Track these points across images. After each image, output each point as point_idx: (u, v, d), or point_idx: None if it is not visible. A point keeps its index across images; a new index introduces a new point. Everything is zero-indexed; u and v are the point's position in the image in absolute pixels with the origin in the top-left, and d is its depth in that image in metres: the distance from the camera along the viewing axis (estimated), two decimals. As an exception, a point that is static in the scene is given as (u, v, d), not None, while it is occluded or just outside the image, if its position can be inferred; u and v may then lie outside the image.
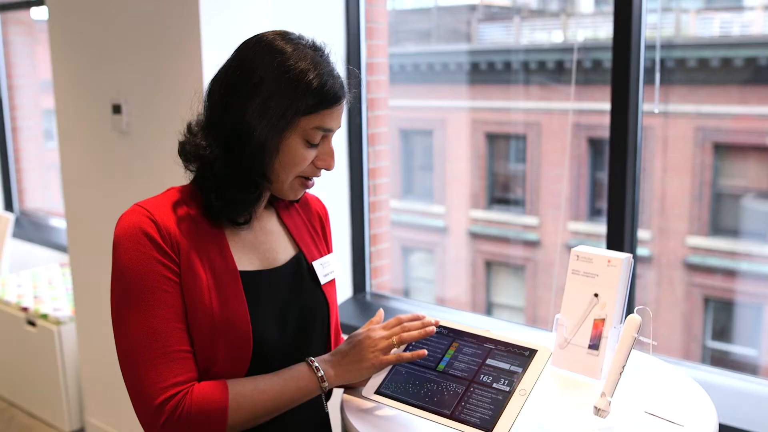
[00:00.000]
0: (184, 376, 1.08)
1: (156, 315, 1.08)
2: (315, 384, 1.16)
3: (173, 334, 1.09)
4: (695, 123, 6.20)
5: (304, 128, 1.13)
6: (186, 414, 1.06)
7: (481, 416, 1.10)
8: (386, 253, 2.94)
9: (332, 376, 1.17)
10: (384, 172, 2.89)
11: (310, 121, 1.13)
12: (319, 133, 1.14)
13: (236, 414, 1.08)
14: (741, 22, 6.55)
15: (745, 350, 6.18)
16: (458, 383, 1.16)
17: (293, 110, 1.11)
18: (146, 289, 1.09)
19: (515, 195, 7.52)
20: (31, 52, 4.88)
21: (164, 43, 2.39)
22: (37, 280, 3.75)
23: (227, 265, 1.16)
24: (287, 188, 1.17)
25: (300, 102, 1.11)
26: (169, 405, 1.06)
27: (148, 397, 1.07)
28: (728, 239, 6.20)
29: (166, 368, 1.07)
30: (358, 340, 1.20)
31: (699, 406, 1.23)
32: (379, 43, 2.80)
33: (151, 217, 1.11)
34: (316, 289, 1.27)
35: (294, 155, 1.14)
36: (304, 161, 1.15)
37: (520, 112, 7.31)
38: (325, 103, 1.13)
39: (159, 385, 1.06)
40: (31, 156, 4.83)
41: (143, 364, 1.07)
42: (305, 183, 1.19)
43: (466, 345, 1.21)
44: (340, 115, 1.17)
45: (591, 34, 7.16)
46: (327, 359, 1.19)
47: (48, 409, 3.37)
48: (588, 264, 1.37)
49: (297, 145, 1.13)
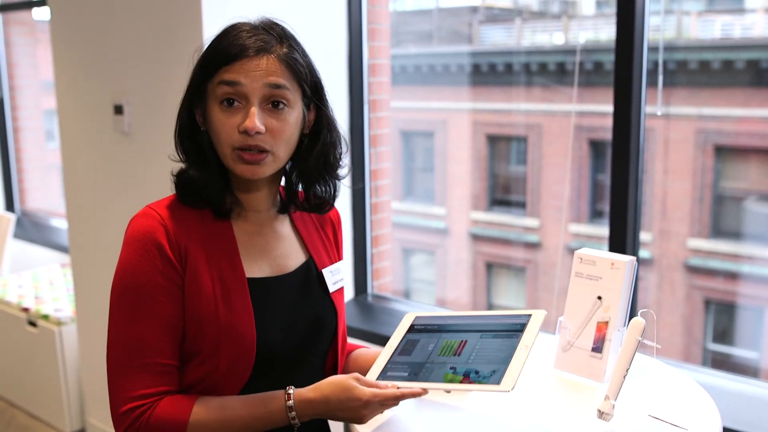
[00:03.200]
0: (154, 389, 1.08)
1: (143, 323, 1.09)
2: (284, 418, 1.10)
3: (155, 346, 1.09)
4: (696, 125, 6.20)
5: (213, 91, 1.12)
6: (144, 427, 1.06)
7: (487, 372, 1.10)
8: (388, 255, 2.94)
9: (306, 416, 1.10)
10: (385, 174, 2.89)
11: (214, 80, 1.12)
12: (225, 88, 1.10)
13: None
14: (742, 25, 6.55)
15: (746, 353, 6.17)
16: (457, 358, 1.16)
17: (198, 75, 1.14)
18: (141, 296, 1.09)
19: (516, 197, 7.52)
20: (33, 53, 4.88)
21: (166, 43, 2.39)
22: (38, 280, 3.75)
23: (236, 272, 1.15)
24: (230, 163, 1.13)
25: (202, 68, 1.14)
26: (133, 415, 1.07)
27: (115, 403, 1.09)
28: (729, 242, 6.19)
29: (138, 379, 1.08)
30: (352, 406, 1.09)
31: (703, 409, 1.23)
32: (381, 44, 2.80)
33: (163, 223, 1.12)
34: (325, 297, 1.26)
35: (212, 121, 1.13)
36: (221, 126, 1.11)
37: (521, 113, 7.31)
38: (223, 57, 1.11)
39: (126, 394, 1.08)
40: (32, 156, 4.82)
41: (118, 370, 1.09)
42: (241, 155, 1.11)
43: (458, 331, 1.21)
44: (254, 71, 1.10)
45: (592, 36, 7.16)
46: (308, 399, 1.10)
47: (48, 409, 3.36)
48: (591, 266, 1.37)
49: (213, 110, 1.13)
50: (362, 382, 1.11)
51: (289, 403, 1.09)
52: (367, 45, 2.70)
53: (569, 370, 1.36)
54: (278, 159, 1.14)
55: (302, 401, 1.10)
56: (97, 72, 2.69)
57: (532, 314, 1.18)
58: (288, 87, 1.13)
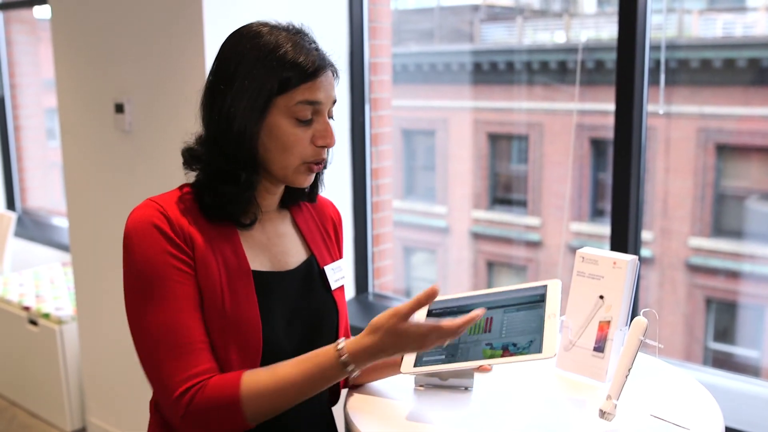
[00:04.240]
0: (201, 367, 1.07)
1: (171, 307, 1.07)
2: (338, 369, 1.06)
3: (190, 325, 1.07)
4: (698, 124, 6.20)
5: (287, 106, 1.10)
6: (198, 407, 1.04)
7: (525, 343, 1.10)
8: (389, 254, 2.94)
9: (363, 365, 1.07)
10: (387, 172, 2.88)
11: (292, 96, 1.10)
12: (306, 107, 1.10)
13: (253, 404, 1.05)
14: (744, 23, 6.55)
15: (747, 352, 6.17)
16: (489, 335, 1.15)
17: (269, 87, 1.09)
18: (160, 282, 1.08)
19: (517, 195, 7.51)
20: (34, 51, 4.88)
21: (167, 42, 2.38)
22: (38, 279, 3.75)
23: (240, 264, 1.14)
24: (292, 174, 1.14)
25: (275, 78, 1.09)
26: (187, 396, 1.05)
27: (164, 390, 1.06)
28: (730, 240, 6.19)
29: (183, 361, 1.06)
30: (404, 340, 1.05)
31: (705, 409, 1.23)
32: (383, 43, 2.80)
33: (163, 211, 1.11)
34: (326, 294, 1.26)
35: (284, 136, 1.11)
36: (297, 141, 1.11)
37: (523, 112, 7.31)
38: (304, 74, 1.09)
39: (175, 379, 1.05)
40: (33, 155, 4.82)
41: (161, 358, 1.06)
42: (311, 167, 1.14)
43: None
44: (328, 87, 1.13)
45: (594, 35, 7.15)
46: (359, 346, 1.06)
47: (49, 408, 3.36)
48: (593, 266, 1.36)
49: (284, 125, 1.11)
50: (409, 320, 1.05)
51: (343, 358, 1.05)
52: (369, 43, 2.70)
53: (571, 370, 1.36)
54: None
55: (356, 351, 1.06)
56: (98, 70, 2.68)
57: (547, 284, 1.18)
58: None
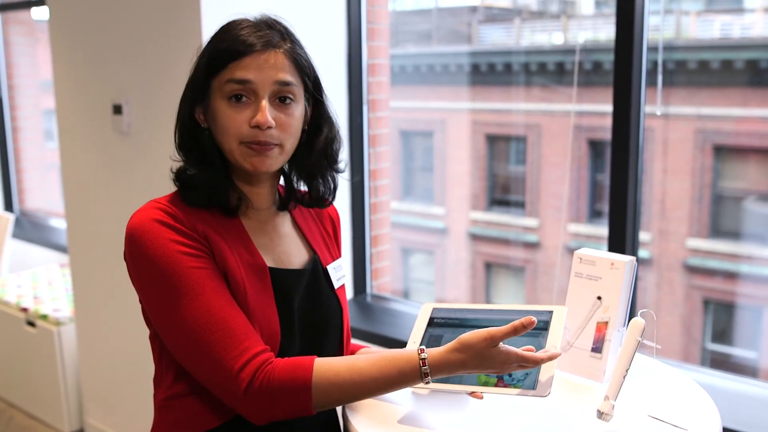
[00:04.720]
0: (254, 340, 1.06)
1: (204, 294, 1.07)
2: (416, 377, 1.07)
3: (226, 307, 1.07)
4: (695, 125, 6.20)
5: (219, 86, 1.12)
6: (267, 387, 1.03)
7: (521, 375, 1.09)
8: (387, 255, 2.94)
9: (437, 374, 1.08)
10: (385, 174, 2.88)
11: (223, 75, 1.11)
12: (234, 86, 1.10)
13: (323, 392, 1.05)
14: (741, 24, 6.56)
15: (745, 353, 6.18)
16: None
17: (202, 73, 1.13)
18: (183, 272, 1.07)
19: (515, 196, 7.52)
20: (32, 52, 4.88)
21: (165, 43, 2.38)
22: (36, 280, 3.75)
23: (255, 259, 1.15)
24: (239, 157, 1.13)
25: (205, 63, 1.13)
26: (246, 372, 1.04)
27: (224, 369, 1.04)
28: (728, 241, 6.20)
29: (234, 338, 1.05)
30: (488, 362, 1.06)
31: (702, 409, 1.23)
32: (381, 44, 2.80)
33: (163, 208, 1.11)
34: (331, 294, 1.26)
35: (219, 117, 1.12)
36: (231, 121, 1.11)
37: (521, 113, 7.31)
38: (231, 53, 1.11)
39: (231, 353, 1.04)
40: (31, 156, 4.82)
41: (210, 341, 1.05)
42: (250, 147, 1.12)
43: (481, 326, 1.20)
44: (265, 67, 1.11)
45: (591, 36, 7.16)
46: (443, 360, 1.06)
47: (47, 409, 3.36)
48: (591, 267, 1.37)
49: (221, 106, 1.12)
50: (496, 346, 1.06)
51: (425, 369, 1.06)
52: (367, 45, 2.70)
53: (569, 371, 1.36)
54: (285, 152, 1.16)
55: (439, 365, 1.06)
56: (96, 72, 2.68)
57: (553, 311, 1.18)
58: (294, 83, 1.14)
